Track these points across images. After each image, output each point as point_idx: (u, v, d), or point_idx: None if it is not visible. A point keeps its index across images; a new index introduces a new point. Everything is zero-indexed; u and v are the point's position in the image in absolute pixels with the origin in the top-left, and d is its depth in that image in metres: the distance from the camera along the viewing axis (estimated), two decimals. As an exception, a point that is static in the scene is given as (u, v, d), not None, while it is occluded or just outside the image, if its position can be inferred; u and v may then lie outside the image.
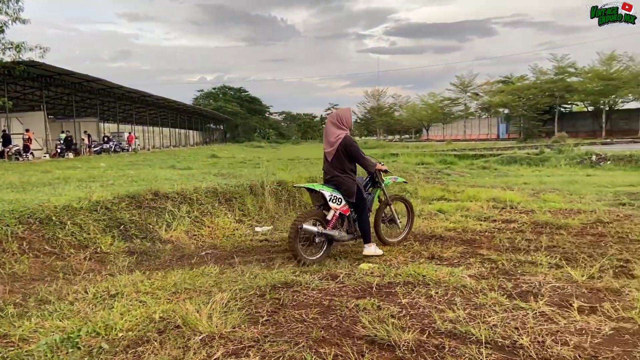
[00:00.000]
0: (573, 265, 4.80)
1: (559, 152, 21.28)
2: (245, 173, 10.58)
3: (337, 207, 5.34)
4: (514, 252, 5.42)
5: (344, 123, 5.39)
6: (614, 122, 57.90)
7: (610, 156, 18.26)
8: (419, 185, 11.39)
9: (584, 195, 9.43)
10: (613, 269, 4.63)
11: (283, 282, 4.46)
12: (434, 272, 4.63)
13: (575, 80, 58.26)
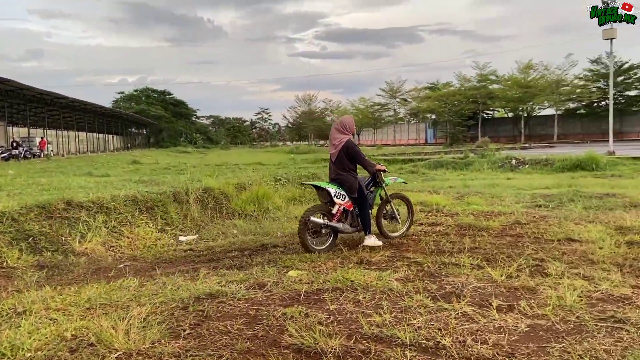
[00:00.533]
0: (493, 265, 5.07)
1: (482, 156, 22.45)
2: (169, 180, 10.26)
3: (342, 202, 6.13)
4: (439, 254, 5.65)
5: (347, 129, 6.21)
6: (531, 127, 62.11)
7: (528, 160, 19.52)
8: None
9: (504, 198, 10.02)
10: (529, 268, 4.95)
11: (208, 294, 4.36)
12: (362, 277, 4.72)
13: (496, 88, 61.95)
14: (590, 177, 14.78)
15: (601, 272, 4.72)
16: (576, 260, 5.19)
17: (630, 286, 4.32)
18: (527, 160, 19.59)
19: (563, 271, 4.77)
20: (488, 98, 60.89)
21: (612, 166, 17.28)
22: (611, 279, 4.46)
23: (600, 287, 4.28)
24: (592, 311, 3.74)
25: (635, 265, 4.97)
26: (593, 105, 58.34)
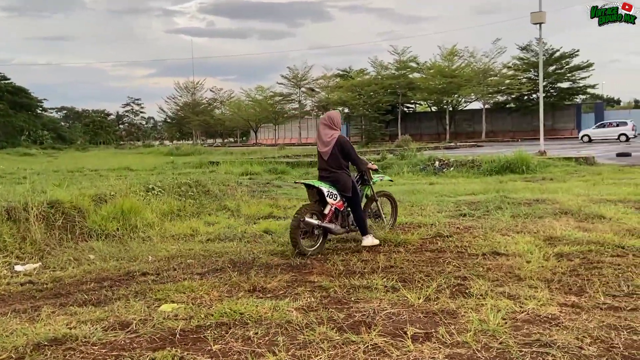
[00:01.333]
0: (410, 287, 5.30)
1: (401, 157, 23.44)
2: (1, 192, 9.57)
3: (334, 202, 7.10)
4: (348, 276, 5.79)
5: (335, 124, 7.17)
6: (457, 123, 65.89)
7: (453, 162, 20.66)
8: (242, 200, 11.53)
9: (425, 207, 10.52)
10: (450, 288, 5.23)
11: (51, 339, 4.14)
12: (254, 308, 4.72)
13: (417, 77, 64.99)
14: (519, 180, 15.95)
15: (528, 289, 5.11)
16: (502, 277, 5.57)
17: (558, 304, 4.71)
18: (451, 162, 20.71)
19: (487, 290, 5.09)
20: (408, 89, 63.66)
21: (543, 168, 18.80)
22: (538, 297, 4.84)
23: (526, 306, 4.62)
24: (517, 335, 4.03)
25: (564, 280, 5.43)
26: (523, 98, 63.13)
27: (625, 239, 6.99)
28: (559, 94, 62.55)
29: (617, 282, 5.24)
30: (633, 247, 6.58)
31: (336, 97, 67.39)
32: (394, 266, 6.18)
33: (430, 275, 5.72)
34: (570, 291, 5.11)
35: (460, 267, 6.06)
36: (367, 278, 5.67)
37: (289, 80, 75.72)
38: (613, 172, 17.85)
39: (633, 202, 10.22)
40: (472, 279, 5.50)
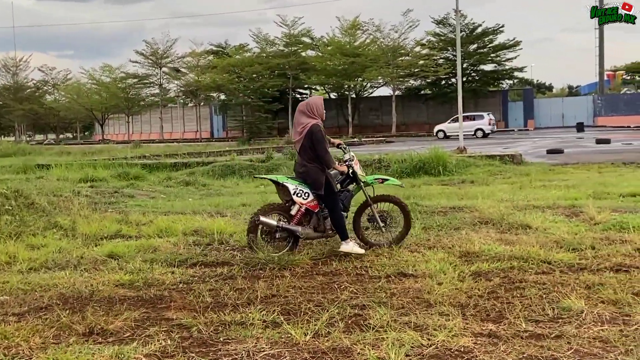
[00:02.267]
0: (295, 320, 5.36)
1: (292, 157, 23.66)
2: None
3: (303, 201, 7.81)
4: (217, 310, 5.77)
5: (314, 112, 7.85)
6: (362, 113, 67.69)
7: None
8: (79, 215, 11.15)
9: (319, 219, 10.67)
10: (344, 320, 5.34)
11: None
12: (89, 357, 4.58)
13: (312, 56, 66.01)
14: (435, 184, 16.60)
15: (438, 317, 5.32)
16: (408, 304, 5.76)
17: (472, 334, 4.94)
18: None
19: (389, 320, 5.25)
20: (301, 70, 64.61)
21: (463, 168, 19.71)
22: (449, 327, 5.05)
23: (434, 339, 4.81)
24: (423, 374, 4.18)
25: (481, 304, 5.70)
26: (441, 83, 66.00)
27: (553, 252, 7.45)
28: (481, 79, 65.88)
29: (541, 305, 5.57)
30: (560, 262, 7.03)
31: (209, 80, 67.12)
32: (277, 295, 6.22)
33: (322, 305, 5.80)
34: (488, 317, 5.37)
35: (359, 293, 6.21)
36: (241, 311, 5.67)
37: (146, 58, 74.20)
38: (542, 173, 19.06)
39: (563, 208, 10.93)
40: (372, 308, 5.64)
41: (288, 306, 5.83)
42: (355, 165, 8.36)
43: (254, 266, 7.46)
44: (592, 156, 24.76)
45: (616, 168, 20.03)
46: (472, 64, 64.65)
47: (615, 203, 11.41)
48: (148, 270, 7.39)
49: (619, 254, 7.39)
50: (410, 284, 6.47)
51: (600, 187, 13.95)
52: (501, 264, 7.06)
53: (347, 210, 8.27)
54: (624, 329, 4.90)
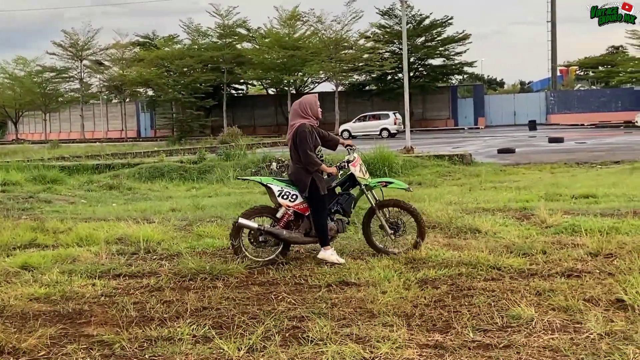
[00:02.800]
0: (228, 334, 5.35)
1: (226, 158, 23.61)
2: None
3: (290, 204, 8.07)
4: (143, 324, 5.72)
5: (307, 111, 8.15)
6: (303, 111, 67.59)
7: (295, 163, 21.20)
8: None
9: (256, 224, 10.67)
10: (281, 333, 5.36)
11: None
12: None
13: (248, 48, 65.80)
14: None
15: (381, 328, 5.38)
16: (350, 314, 5.81)
17: (417, 346, 5.01)
18: (293, 162, 21.23)
19: (329, 333, 5.28)
20: (237, 64, 64.27)
21: (410, 169, 19.97)
22: (393, 338, 5.11)
23: (377, 351, 4.86)
24: (365, 389, 4.22)
25: (427, 314, 5.79)
26: (387, 78, 66.59)
27: (502, 257, 7.59)
28: (430, 74, 66.61)
29: (490, 313, 5.68)
30: (510, 268, 7.18)
31: (135, 74, 66.16)
32: (208, 307, 6.20)
33: (257, 318, 5.81)
34: (434, 327, 5.45)
35: (297, 303, 6.23)
36: (169, 326, 5.62)
37: (65, 50, 72.92)
38: (493, 174, 19.46)
39: (514, 210, 11.16)
40: (311, 319, 5.67)
41: (220, 319, 5.82)
42: (354, 167, 8.36)
43: (184, 276, 7.44)
44: (545, 156, 25.38)
45: (569, 168, 20.61)
46: (419, 58, 65.50)
47: (567, 205, 11.71)
48: (66, 283, 7.27)
49: (571, 258, 7.58)
50: (353, 293, 6.52)
51: (553, 188, 14.31)
52: (449, 271, 7.17)
53: (347, 215, 8.43)
54: (574, 337, 5.04)
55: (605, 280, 6.56)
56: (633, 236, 8.57)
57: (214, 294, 6.66)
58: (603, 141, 34.53)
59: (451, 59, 67.06)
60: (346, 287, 6.79)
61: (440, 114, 67.98)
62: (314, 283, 6.99)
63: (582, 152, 26.46)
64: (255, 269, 7.71)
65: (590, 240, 8.18)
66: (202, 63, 64.54)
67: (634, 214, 10.19)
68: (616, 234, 8.73)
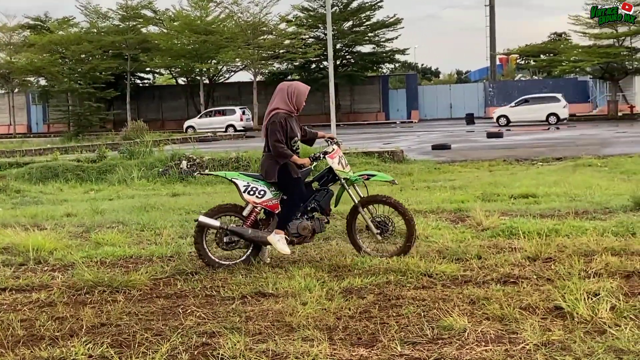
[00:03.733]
0: (128, 353, 5.32)
1: (130, 156, 23.32)
2: None
3: (257, 200, 8.15)
4: (31, 344, 5.64)
5: (292, 99, 8.28)
6: (219, 103, 67.31)
7: (209, 161, 21.13)
8: None
9: (162, 230, 10.65)
10: (189, 351, 5.36)
11: None
12: None
13: (155, 32, 65.09)
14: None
15: (301, 343, 5.41)
16: (266, 328, 5.84)
17: (340, 362, 5.08)
18: (206, 161, 21.17)
19: (242, 349, 5.30)
20: (142, 50, 63.45)
21: (335, 168, 20.03)
22: (314, 354, 5.16)
23: (296, 368, 4.90)
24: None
25: (352, 326, 5.86)
26: (311, 67, 66.75)
27: (434, 263, 7.75)
28: (358, 62, 66.98)
29: (420, 325, 5.79)
30: (443, 275, 7.33)
31: (25, 62, 64.53)
32: (107, 324, 6.15)
33: (162, 334, 5.79)
34: (359, 341, 5.52)
35: (208, 318, 6.23)
36: (61, 345, 5.56)
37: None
38: (427, 172, 19.80)
39: (448, 212, 11.39)
40: (222, 335, 5.68)
41: (120, 337, 5.77)
42: (331, 159, 8.35)
43: (79, 290, 7.36)
44: (483, 152, 25.92)
45: (508, 165, 21.11)
46: (347, 44, 65.85)
47: (505, 205, 12.03)
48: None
49: (507, 263, 7.80)
50: (270, 305, 6.55)
51: (490, 187, 14.64)
52: (376, 279, 7.28)
53: (325, 213, 8.45)
54: (509, 348, 5.17)
55: (543, 286, 6.77)
56: (573, 238, 8.85)
57: (114, 308, 6.60)
58: (545, 136, 35.47)
59: (381, 46, 67.68)
60: (262, 298, 6.83)
61: (370, 107, 68.43)
62: (226, 295, 6.99)
63: (523, 148, 27.10)
64: (161, 280, 7.69)
65: (529, 244, 8.44)
66: (103, 49, 63.49)
67: (575, 215, 10.55)
68: (556, 237, 9.02)
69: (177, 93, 71.09)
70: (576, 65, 56.59)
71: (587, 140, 30.84)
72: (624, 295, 6.26)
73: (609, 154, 22.92)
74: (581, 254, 7.91)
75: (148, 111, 68.66)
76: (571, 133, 36.99)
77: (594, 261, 7.55)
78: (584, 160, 20.89)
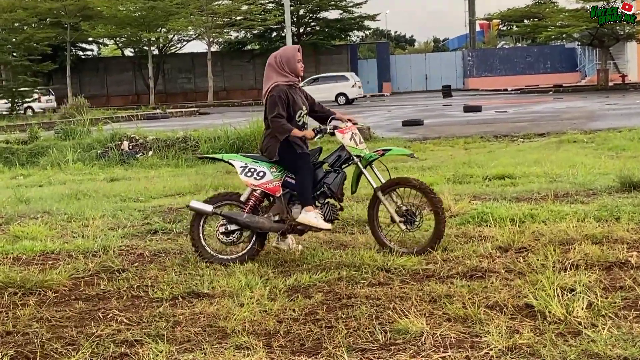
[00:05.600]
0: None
1: (65, 136, 22.97)
2: None
3: (255, 182, 7.88)
4: None
5: (284, 67, 7.99)
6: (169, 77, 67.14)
7: (152, 142, 20.85)
8: None
9: (91, 221, 10.40)
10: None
11: None
12: None
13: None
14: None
15: (234, 352, 5.22)
16: (196, 335, 5.64)
17: (277, 373, 4.87)
18: (149, 142, 20.90)
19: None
20: (83, 18, 62.77)
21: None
22: (248, 365, 4.97)
23: (224, 382, 4.69)
24: None
25: (295, 331, 5.66)
26: (271, 36, 66.57)
27: (393, 256, 7.57)
28: (324, 30, 66.85)
29: (371, 328, 5.59)
30: (402, 269, 7.16)
31: (-48, 32, 63.73)
32: (13, 332, 5.96)
33: (75, 343, 5.60)
34: (302, 348, 5.34)
35: (131, 323, 6.05)
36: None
37: None
38: (395, 151, 19.54)
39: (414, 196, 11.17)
40: (145, 343, 5.49)
41: (26, 347, 5.55)
42: (342, 134, 7.88)
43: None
44: (459, 128, 25.82)
45: (486, 143, 20.99)
46: (311, 10, 65.85)
47: (478, 188, 11.87)
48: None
49: (476, 255, 7.61)
50: (203, 307, 6.34)
51: (463, 168, 14.47)
52: (326, 275, 7.10)
53: (337, 198, 8.04)
54: (470, 354, 4.99)
55: (512, 281, 6.59)
56: (551, 225, 8.71)
57: (23, 313, 6.37)
58: (528, 109, 35.42)
59: (349, 12, 67.45)
60: (196, 299, 6.63)
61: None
62: (155, 296, 6.79)
63: (503, 123, 27.00)
64: (83, 279, 7.45)
65: (500, 232, 8.26)
66: (39, 16, 62.71)
67: (554, 198, 10.41)
68: (532, 223, 8.86)
69: (124, 66, 70.54)
70: (562, 31, 56.63)
71: (574, 113, 30.82)
72: (603, 289, 6.12)
73: (597, 129, 22.80)
74: (558, 243, 7.80)
75: (91, 85, 68.30)
76: (557, 106, 37.05)
77: (572, 251, 7.40)
78: (568, 135, 20.73)
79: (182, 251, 8.45)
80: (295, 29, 66.69)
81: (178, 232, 9.53)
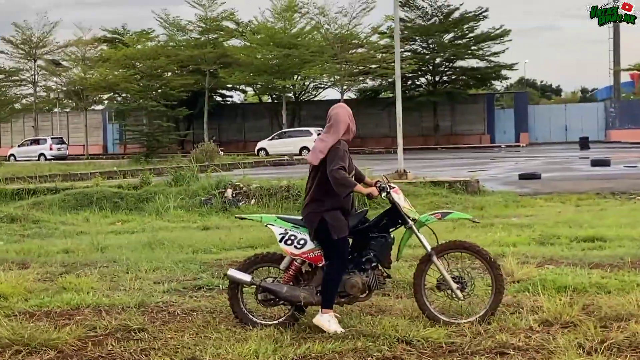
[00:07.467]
0: None
1: (175, 182, 23.10)
2: None
3: (295, 251, 7.44)
4: None
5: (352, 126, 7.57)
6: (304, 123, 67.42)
7: (256, 189, 20.69)
8: None
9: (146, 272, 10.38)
10: None
11: None
12: None
13: (236, 45, 65.73)
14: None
15: None
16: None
17: None
18: (253, 189, 20.74)
19: None
20: (222, 65, 64.00)
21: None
22: None
23: None
24: None
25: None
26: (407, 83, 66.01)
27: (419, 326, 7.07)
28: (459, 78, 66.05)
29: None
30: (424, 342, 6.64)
31: (99, 77, 65.82)
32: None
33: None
34: None
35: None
36: None
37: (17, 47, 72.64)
38: (502, 206, 18.87)
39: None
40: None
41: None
42: (397, 194, 7.47)
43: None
44: (578, 183, 24.66)
45: (600, 200, 19.93)
46: (447, 58, 65.05)
47: (560, 251, 11.13)
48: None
49: (516, 328, 7.01)
50: None
51: (557, 227, 13.69)
52: (340, 345, 6.67)
53: (386, 265, 7.53)
54: None
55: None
56: (614, 297, 7.94)
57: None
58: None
59: (486, 60, 66.39)
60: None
61: (473, 128, 67.16)
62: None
63: (626, 179, 25.59)
64: (94, 339, 7.18)
65: (549, 303, 7.55)
66: (180, 64, 64.38)
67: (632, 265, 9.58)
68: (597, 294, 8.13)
69: (261, 112, 71.50)
70: None
71: None
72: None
73: None
74: (611, 319, 7.07)
75: (230, 131, 69.39)
76: None
77: (615, 330, 6.66)
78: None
79: (214, 310, 8.15)
80: (430, 77, 66.32)
81: (223, 289, 9.21)
